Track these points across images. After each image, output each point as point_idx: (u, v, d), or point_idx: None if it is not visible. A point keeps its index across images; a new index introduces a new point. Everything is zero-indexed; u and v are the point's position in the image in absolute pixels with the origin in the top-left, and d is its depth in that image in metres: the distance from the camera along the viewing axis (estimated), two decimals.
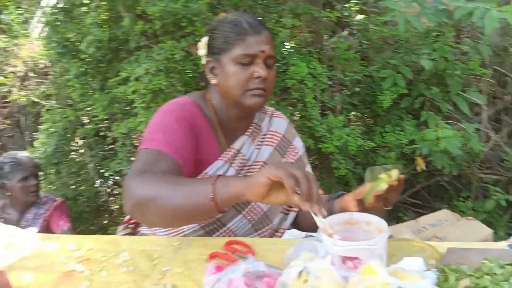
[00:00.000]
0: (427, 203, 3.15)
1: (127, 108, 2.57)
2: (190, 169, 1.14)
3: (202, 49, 1.30)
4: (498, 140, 2.68)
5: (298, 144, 1.42)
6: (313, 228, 1.37)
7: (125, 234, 1.44)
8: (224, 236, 1.25)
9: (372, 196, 1.00)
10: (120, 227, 1.55)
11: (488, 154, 2.83)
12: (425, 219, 2.48)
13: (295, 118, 2.53)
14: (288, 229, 1.44)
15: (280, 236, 1.39)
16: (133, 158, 2.80)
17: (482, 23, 1.96)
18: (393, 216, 3.06)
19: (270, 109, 1.44)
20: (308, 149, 2.22)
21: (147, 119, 2.28)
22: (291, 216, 1.41)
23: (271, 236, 1.35)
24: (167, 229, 1.23)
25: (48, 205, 2.32)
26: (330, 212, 1.13)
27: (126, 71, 2.20)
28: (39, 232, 2.21)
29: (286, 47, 2.37)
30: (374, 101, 2.76)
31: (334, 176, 2.67)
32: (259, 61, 1.17)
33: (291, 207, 1.42)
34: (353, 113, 2.92)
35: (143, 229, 1.50)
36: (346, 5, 3.82)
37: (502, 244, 1.24)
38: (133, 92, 2.20)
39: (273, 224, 1.36)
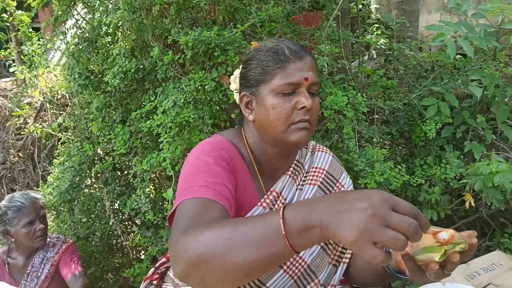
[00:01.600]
0: None
1: (148, 142, 2.42)
2: (232, 217, 0.98)
3: (234, 83, 1.16)
4: None
5: (346, 181, 1.24)
6: (371, 282, 1.17)
7: None
8: None
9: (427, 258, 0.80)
10: (143, 284, 1.39)
11: None
12: (477, 263, 2.23)
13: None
14: (339, 285, 1.23)
15: None
16: (152, 196, 2.63)
17: None
18: None
19: (311, 142, 1.26)
20: None
21: (172, 155, 2.12)
22: (342, 267, 1.21)
23: None
24: None
25: (57, 248, 2.15)
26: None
27: (152, 103, 2.05)
28: (47, 277, 2.08)
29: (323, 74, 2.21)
30: (413, 131, 2.58)
31: None
32: (303, 90, 1.03)
33: (341, 256, 1.22)
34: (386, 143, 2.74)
35: (168, 285, 1.33)
36: (369, 29, 3.71)
37: None
38: (158, 125, 2.05)
39: (319, 279, 1.17)
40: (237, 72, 1.17)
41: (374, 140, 2.40)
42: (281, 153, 1.11)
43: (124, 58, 2.03)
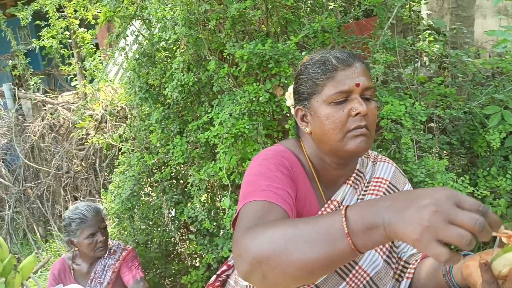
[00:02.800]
0: None
1: (205, 152, 2.48)
2: None
3: (289, 99, 1.17)
4: None
5: None
6: None
7: None
8: None
9: (507, 263, 0.72)
10: None
11: None
12: None
13: None
14: None
15: None
16: (207, 204, 2.69)
17: None
18: None
19: (373, 153, 1.24)
20: None
21: (227, 164, 2.16)
22: (405, 283, 1.18)
23: None
24: None
25: (118, 255, 2.25)
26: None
27: (208, 114, 2.11)
28: (109, 283, 2.17)
29: (377, 83, 2.17)
30: (474, 140, 2.47)
31: None
32: (355, 96, 1.02)
33: (404, 271, 1.19)
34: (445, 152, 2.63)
35: None
36: (420, 36, 3.59)
37: None
38: (215, 136, 2.10)
39: None
40: (291, 89, 1.19)
41: (432, 150, 2.32)
42: (340, 162, 1.11)
43: (182, 72, 2.10)
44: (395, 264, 1.17)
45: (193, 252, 2.95)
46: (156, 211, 2.93)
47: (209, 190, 2.78)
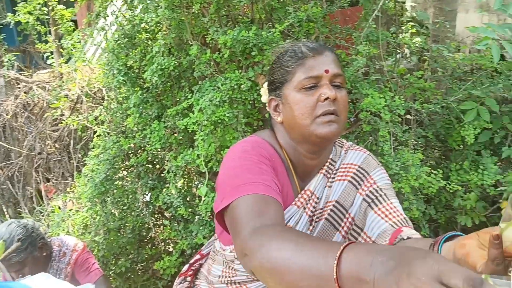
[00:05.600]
0: None
1: (183, 138, 2.45)
2: None
3: (264, 94, 1.18)
4: None
5: (377, 174, 1.17)
6: None
7: None
8: None
9: None
10: (177, 280, 1.41)
11: None
12: None
13: None
14: None
15: None
16: (183, 191, 2.66)
17: None
18: None
19: (348, 143, 1.24)
20: None
21: (205, 152, 2.14)
22: None
23: None
24: None
25: (68, 258, 2.03)
26: None
27: (188, 100, 2.07)
28: None
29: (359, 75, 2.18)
30: (449, 134, 2.52)
31: None
32: (325, 82, 1.03)
33: None
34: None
35: (201, 282, 1.35)
36: (403, 27, 3.62)
37: None
38: (194, 123, 2.07)
39: None
40: (266, 85, 1.18)
41: (408, 142, 2.36)
42: (312, 150, 1.11)
43: (162, 56, 2.06)
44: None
45: (167, 238, 2.94)
46: (130, 196, 2.88)
47: (185, 176, 2.76)
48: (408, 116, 2.55)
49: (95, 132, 3.17)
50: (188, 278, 1.40)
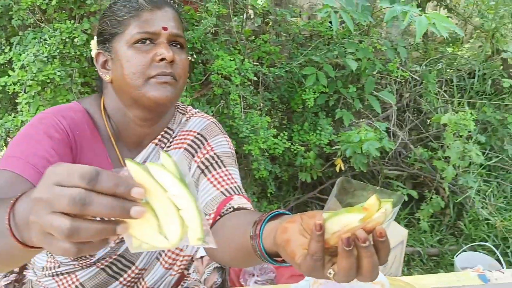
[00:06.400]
0: None
1: (1, 102, 2.03)
2: None
3: (94, 48, 1.01)
4: (403, 138, 2.80)
5: (217, 141, 1.09)
6: (236, 262, 1.05)
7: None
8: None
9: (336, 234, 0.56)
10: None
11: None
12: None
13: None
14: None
15: None
16: None
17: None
18: (302, 211, 3.06)
19: (193, 110, 1.15)
20: None
21: (31, 117, 1.81)
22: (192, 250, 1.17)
23: None
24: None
25: None
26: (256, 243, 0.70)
27: (6, 55, 1.68)
28: None
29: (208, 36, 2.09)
30: (292, 98, 2.66)
31: (253, 177, 2.51)
32: (162, 41, 0.93)
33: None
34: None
35: (28, 272, 1.15)
36: None
37: (472, 275, 1.21)
38: (16, 83, 1.71)
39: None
40: (96, 38, 1.01)
41: (257, 105, 2.40)
42: (145, 117, 0.98)
43: None
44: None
45: None
46: None
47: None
48: (255, 78, 2.60)
49: None
50: (16, 269, 1.17)
